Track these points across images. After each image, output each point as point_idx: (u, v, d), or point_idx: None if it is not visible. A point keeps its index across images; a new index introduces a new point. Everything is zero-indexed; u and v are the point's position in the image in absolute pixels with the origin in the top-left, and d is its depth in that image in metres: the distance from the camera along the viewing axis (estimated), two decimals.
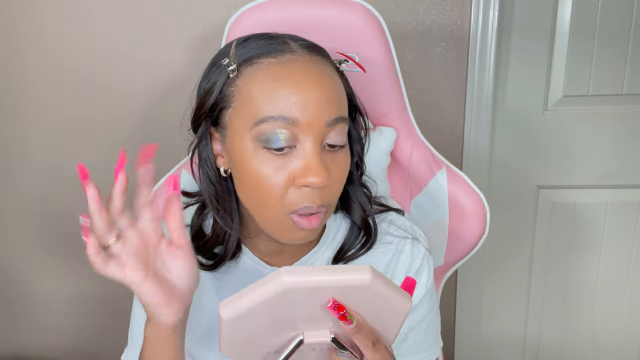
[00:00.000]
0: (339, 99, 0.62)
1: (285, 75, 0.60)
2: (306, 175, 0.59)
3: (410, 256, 0.74)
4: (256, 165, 0.61)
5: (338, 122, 0.61)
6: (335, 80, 0.63)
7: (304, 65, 0.61)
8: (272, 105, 0.59)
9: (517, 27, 1.24)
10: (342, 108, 0.63)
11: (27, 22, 1.20)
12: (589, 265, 1.42)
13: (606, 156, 1.32)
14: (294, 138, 0.60)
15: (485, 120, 1.25)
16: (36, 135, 1.29)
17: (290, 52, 0.62)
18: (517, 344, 1.52)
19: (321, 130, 0.60)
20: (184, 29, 1.19)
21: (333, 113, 0.60)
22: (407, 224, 0.77)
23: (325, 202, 0.63)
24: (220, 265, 0.72)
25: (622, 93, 1.27)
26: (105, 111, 1.26)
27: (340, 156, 0.63)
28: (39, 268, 1.41)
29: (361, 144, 0.73)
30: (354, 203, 0.74)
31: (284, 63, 0.61)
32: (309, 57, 0.62)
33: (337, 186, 0.64)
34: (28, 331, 1.48)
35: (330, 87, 0.61)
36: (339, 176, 0.64)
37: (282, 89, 0.59)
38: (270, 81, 0.60)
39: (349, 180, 0.72)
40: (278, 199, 0.61)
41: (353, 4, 0.81)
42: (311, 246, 0.74)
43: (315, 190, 0.61)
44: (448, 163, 0.92)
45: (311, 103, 0.59)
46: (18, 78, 1.25)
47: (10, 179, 1.33)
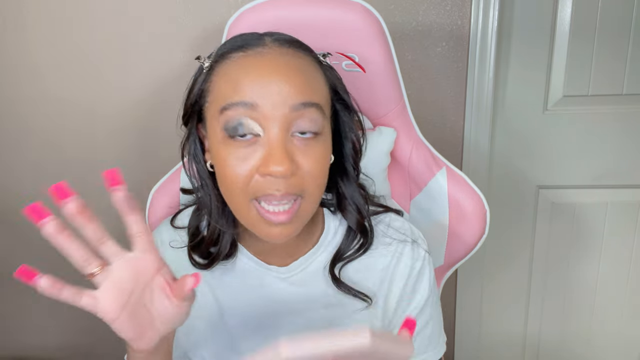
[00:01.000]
0: (309, 85, 0.61)
1: (250, 65, 0.61)
2: (268, 164, 0.58)
3: (411, 258, 0.74)
4: (224, 155, 0.61)
5: (306, 107, 0.60)
6: (307, 69, 0.62)
7: (271, 56, 0.62)
8: (235, 92, 0.60)
9: (517, 27, 1.24)
10: (313, 94, 0.61)
11: (27, 21, 1.20)
12: (589, 265, 1.42)
13: (606, 156, 1.32)
14: (259, 126, 0.59)
15: (485, 120, 1.25)
16: (35, 135, 1.29)
17: (261, 46, 0.63)
18: (517, 344, 1.52)
19: (286, 117, 0.59)
20: (183, 29, 1.19)
21: (299, 98, 0.59)
22: (406, 226, 0.77)
23: (295, 191, 0.61)
24: (214, 264, 0.72)
25: (622, 93, 1.27)
26: (105, 111, 1.26)
27: (314, 145, 0.61)
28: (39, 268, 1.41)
29: (356, 138, 0.71)
30: (350, 205, 0.72)
31: (252, 55, 0.62)
32: (279, 49, 0.63)
33: (310, 176, 0.61)
34: (28, 331, 1.48)
35: (297, 74, 0.60)
36: (311, 166, 0.61)
37: (245, 76, 0.60)
38: (236, 71, 0.61)
39: (345, 179, 0.71)
40: (242, 187, 0.61)
41: (353, 4, 0.81)
42: (309, 246, 0.74)
43: (280, 179, 0.59)
44: (448, 163, 0.92)
45: (274, 88, 0.59)
46: (17, 77, 1.25)
47: (9, 178, 1.33)
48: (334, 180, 0.72)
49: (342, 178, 0.72)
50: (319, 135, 0.62)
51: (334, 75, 0.68)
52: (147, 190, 0.93)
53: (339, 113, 0.69)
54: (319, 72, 0.65)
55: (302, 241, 0.73)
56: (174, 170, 0.93)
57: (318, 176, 0.62)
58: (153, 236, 0.77)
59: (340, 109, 0.69)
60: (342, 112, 0.69)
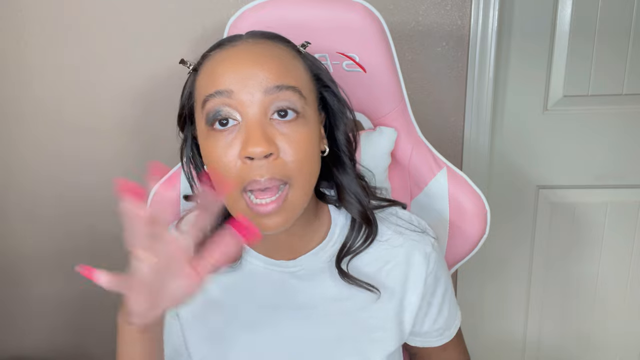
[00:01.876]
0: (284, 69, 0.62)
1: (225, 56, 0.63)
2: (246, 146, 0.59)
3: (424, 261, 0.74)
4: (209, 149, 0.62)
5: (281, 90, 0.60)
6: (282, 56, 0.63)
7: (245, 47, 0.63)
8: (211, 84, 0.62)
9: (517, 27, 1.24)
10: (289, 78, 0.62)
11: (27, 21, 1.20)
12: (589, 265, 1.42)
13: (606, 156, 1.32)
14: (236, 112, 0.60)
15: (485, 120, 1.25)
16: (35, 135, 1.29)
17: (237, 41, 0.65)
18: (517, 344, 1.52)
19: (261, 100, 0.60)
20: (184, 29, 1.19)
21: (272, 81, 0.60)
22: (413, 218, 0.77)
23: (280, 175, 0.60)
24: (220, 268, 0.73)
25: (622, 93, 1.27)
26: (105, 111, 1.26)
27: (294, 127, 0.61)
28: (39, 268, 1.41)
29: (348, 127, 0.70)
30: (349, 196, 0.72)
31: (227, 50, 0.64)
32: (253, 42, 0.64)
33: (293, 159, 0.61)
34: (28, 331, 1.47)
35: (270, 59, 0.62)
36: (294, 148, 0.61)
37: (220, 67, 0.62)
38: (213, 66, 0.63)
39: (340, 170, 0.72)
40: (228, 176, 0.61)
41: (354, 3, 0.80)
42: (317, 241, 0.74)
43: (262, 162, 0.59)
44: (449, 163, 0.92)
45: (246, 74, 0.60)
46: (16, 76, 1.25)
47: (9, 179, 1.33)
48: (331, 172, 0.72)
49: (337, 169, 0.72)
50: (299, 117, 0.62)
51: (316, 65, 0.68)
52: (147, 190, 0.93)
53: (327, 102, 0.69)
54: (297, 60, 0.65)
55: (307, 237, 0.73)
56: (174, 169, 0.92)
57: (302, 161, 0.62)
58: None
59: (328, 98, 0.69)
60: (331, 101, 0.69)
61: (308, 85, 0.65)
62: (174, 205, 0.61)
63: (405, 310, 0.75)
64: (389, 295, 0.74)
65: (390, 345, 0.74)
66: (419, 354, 0.84)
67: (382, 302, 0.73)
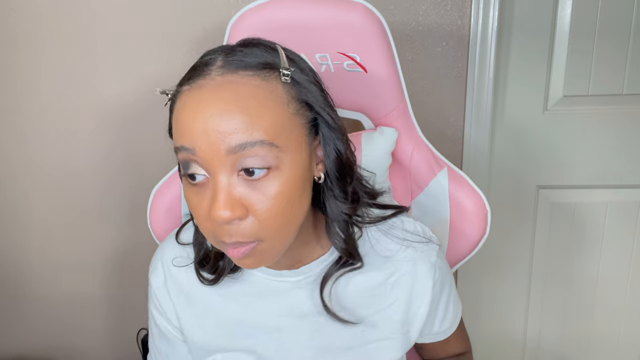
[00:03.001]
0: (253, 120, 0.54)
1: (189, 103, 0.56)
2: (211, 210, 0.55)
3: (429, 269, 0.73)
4: (186, 196, 0.60)
5: (246, 148, 0.54)
6: (254, 99, 0.55)
7: (209, 90, 0.56)
8: (177, 135, 0.57)
9: (517, 27, 1.24)
10: (258, 130, 0.54)
11: (26, 21, 1.20)
12: (589, 265, 1.42)
13: (606, 156, 1.32)
14: (203, 168, 0.56)
15: (485, 120, 1.25)
16: (35, 135, 1.29)
17: (202, 77, 0.57)
18: (517, 344, 1.52)
19: (225, 159, 0.54)
20: (184, 29, 1.19)
21: (236, 138, 0.54)
22: (418, 228, 0.75)
23: (247, 238, 0.57)
24: (221, 279, 0.71)
25: (622, 93, 1.27)
26: (106, 111, 1.26)
27: (266, 183, 0.56)
28: (40, 268, 1.40)
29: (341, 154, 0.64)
30: (333, 228, 0.67)
31: (192, 90, 0.57)
32: (220, 79, 0.56)
33: (265, 218, 0.56)
34: (28, 331, 1.47)
35: (235, 110, 0.54)
36: (266, 207, 0.56)
37: (183, 117, 0.56)
38: (178, 111, 0.58)
39: (329, 200, 0.66)
40: (204, 228, 0.59)
41: (354, 4, 0.80)
42: (321, 252, 0.72)
43: (228, 225, 0.56)
44: (449, 163, 0.92)
45: (208, 129, 0.54)
46: (16, 77, 1.25)
47: (6, 180, 1.33)
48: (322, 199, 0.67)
49: (324, 195, 0.66)
50: (272, 171, 0.56)
51: (306, 89, 0.60)
52: (148, 190, 0.93)
53: (320, 128, 0.63)
54: (274, 96, 0.57)
55: (308, 249, 0.71)
56: (174, 170, 0.92)
57: (275, 216, 0.57)
58: (155, 256, 0.77)
59: (321, 124, 0.62)
60: (323, 127, 0.62)
61: (289, 122, 0.57)
62: None
63: (413, 321, 0.74)
64: (394, 306, 0.73)
65: (395, 354, 0.74)
66: (423, 347, 0.85)
67: (385, 314, 0.73)
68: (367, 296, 0.72)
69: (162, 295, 0.75)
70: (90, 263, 1.39)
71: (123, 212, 1.32)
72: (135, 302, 1.42)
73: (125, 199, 1.31)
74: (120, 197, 1.31)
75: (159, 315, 0.77)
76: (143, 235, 1.23)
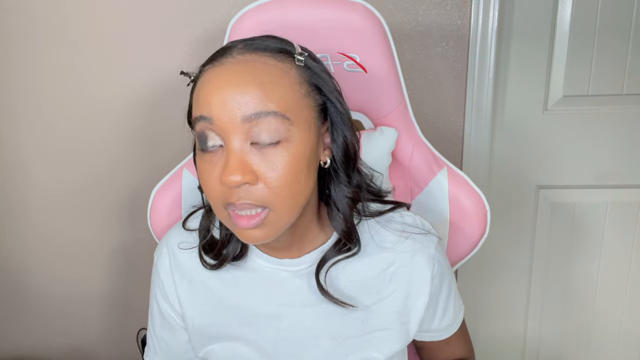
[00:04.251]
0: (266, 93, 0.59)
1: (210, 77, 0.62)
2: (222, 174, 0.60)
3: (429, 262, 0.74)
4: (198, 166, 0.64)
5: (260, 117, 0.59)
6: (268, 75, 0.61)
7: (230, 66, 0.62)
8: (197, 106, 0.62)
9: (517, 27, 1.24)
10: (270, 102, 0.60)
11: (26, 21, 1.20)
12: (589, 265, 1.42)
13: (606, 156, 1.32)
14: (219, 137, 0.61)
15: (485, 120, 1.25)
16: (35, 135, 1.29)
17: (225, 57, 0.63)
18: (517, 344, 1.52)
19: (240, 127, 0.59)
20: (185, 30, 1.19)
21: (251, 108, 0.59)
22: (417, 221, 0.77)
23: (256, 201, 0.61)
24: (224, 264, 0.74)
25: (622, 93, 1.27)
26: (106, 112, 1.26)
27: (277, 152, 0.60)
28: (40, 269, 1.41)
29: (347, 140, 0.68)
30: (336, 211, 0.71)
31: (215, 66, 0.63)
32: (241, 57, 0.62)
33: (274, 185, 0.60)
34: (28, 331, 1.47)
35: (252, 82, 0.60)
36: (275, 175, 0.60)
37: (204, 90, 0.61)
38: (199, 85, 0.63)
39: (333, 184, 0.70)
40: (213, 195, 0.63)
41: (354, 4, 0.81)
42: (323, 240, 0.74)
43: (238, 188, 0.60)
44: (449, 163, 0.92)
45: (226, 99, 0.59)
46: (15, 77, 1.25)
47: (7, 180, 1.33)
48: (326, 184, 0.71)
49: (330, 180, 0.71)
50: (282, 142, 0.60)
51: (316, 74, 0.66)
52: (148, 190, 0.93)
53: (329, 113, 0.68)
54: (288, 76, 0.62)
55: (309, 236, 0.73)
56: (175, 169, 0.93)
57: (283, 186, 0.61)
58: (161, 241, 0.79)
59: (329, 109, 0.67)
60: (332, 112, 0.67)
61: (297, 103, 0.62)
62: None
63: (411, 313, 0.75)
64: (392, 297, 0.74)
65: (395, 345, 0.75)
66: (424, 347, 0.85)
67: (383, 304, 0.74)
68: (367, 285, 0.73)
69: (167, 279, 0.77)
70: (90, 263, 1.39)
71: (123, 213, 1.32)
72: (135, 302, 1.42)
73: (125, 199, 1.31)
74: (120, 197, 1.31)
75: (163, 300, 0.78)
76: (143, 235, 1.23)
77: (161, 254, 0.78)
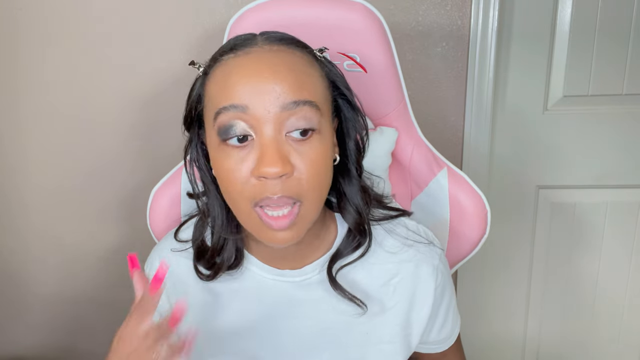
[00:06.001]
0: (301, 82, 0.59)
1: (239, 65, 0.59)
2: (260, 166, 0.57)
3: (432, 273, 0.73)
4: (220, 160, 0.60)
5: (298, 106, 0.58)
6: (299, 65, 0.60)
7: (260, 54, 0.60)
8: (224, 96, 0.59)
9: (517, 27, 1.24)
10: (306, 92, 0.59)
11: (27, 21, 1.20)
12: (589, 265, 1.42)
13: (606, 156, 1.32)
14: (251, 128, 0.58)
15: (485, 120, 1.25)
16: (35, 136, 1.29)
17: (250, 46, 0.61)
18: (517, 344, 1.52)
19: (277, 117, 0.57)
20: (184, 30, 1.19)
21: (290, 96, 0.57)
22: (420, 229, 0.76)
23: (292, 194, 0.59)
24: (219, 275, 0.71)
25: (622, 93, 1.27)
26: (106, 112, 1.26)
27: (310, 144, 0.59)
28: (40, 269, 1.41)
29: (359, 137, 0.69)
30: (349, 205, 0.70)
31: (240, 56, 0.60)
32: (269, 47, 0.61)
33: (307, 177, 0.59)
34: (28, 331, 1.47)
35: (288, 71, 0.58)
36: (308, 166, 0.59)
37: (234, 78, 0.58)
38: (224, 74, 0.60)
39: (346, 179, 0.70)
40: (240, 191, 0.60)
41: (354, 4, 0.80)
42: (324, 251, 0.73)
43: (276, 180, 0.57)
44: (449, 163, 0.92)
45: (262, 88, 0.57)
46: (16, 77, 1.25)
47: (8, 179, 1.33)
48: (336, 179, 0.70)
49: (343, 177, 0.70)
50: (315, 134, 0.59)
51: (333, 71, 0.66)
52: (147, 190, 0.93)
53: (341, 110, 0.67)
54: (314, 68, 0.62)
55: (314, 245, 0.71)
56: (174, 170, 0.92)
57: (316, 177, 0.60)
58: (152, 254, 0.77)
59: (342, 106, 0.67)
60: (345, 108, 0.67)
61: (324, 95, 0.62)
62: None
63: (413, 324, 0.74)
64: (396, 309, 0.72)
65: (397, 358, 0.73)
66: (419, 358, 0.84)
67: (387, 316, 0.72)
68: (371, 296, 0.72)
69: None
70: (90, 263, 1.39)
71: (123, 213, 1.32)
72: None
73: (125, 199, 1.31)
74: (120, 197, 1.31)
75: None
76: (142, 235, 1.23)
77: (152, 266, 0.76)
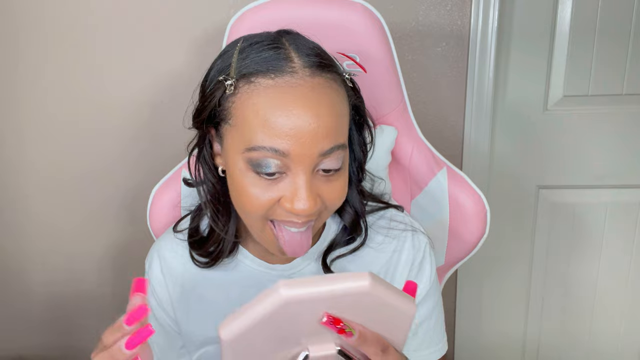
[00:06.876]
0: (338, 126, 0.60)
1: (281, 103, 0.57)
2: (293, 203, 0.59)
3: (413, 249, 0.74)
4: (245, 184, 0.61)
5: (333, 151, 0.59)
6: (337, 103, 0.60)
7: (302, 92, 0.58)
8: (265, 135, 0.57)
9: (517, 27, 1.24)
10: (340, 135, 0.61)
11: (27, 21, 1.20)
12: (589, 265, 1.42)
13: (606, 156, 1.32)
14: (285, 166, 0.59)
15: (485, 120, 1.25)
16: (35, 136, 1.29)
17: (290, 74, 0.59)
18: (517, 344, 1.52)
19: (313, 160, 0.59)
20: (184, 30, 1.19)
21: (328, 143, 0.58)
22: (406, 219, 0.77)
23: (313, 218, 0.63)
24: (218, 263, 0.73)
25: (622, 93, 1.27)
26: (106, 112, 1.26)
27: (336, 180, 0.62)
28: (40, 269, 1.41)
29: (363, 150, 0.72)
30: (348, 206, 0.73)
31: (281, 88, 0.58)
32: (310, 81, 0.59)
33: (331, 206, 0.64)
34: (28, 331, 1.47)
35: (328, 115, 0.58)
36: (333, 199, 0.63)
37: (276, 118, 0.57)
38: (265, 108, 0.57)
39: (349, 186, 0.71)
40: (261, 214, 0.62)
41: (354, 4, 0.81)
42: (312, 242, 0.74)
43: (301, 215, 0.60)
44: (449, 163, 0.92)
45: (305, 135, 0.57)
46: (16, 78, 1.25)
47: (8, 181, 1.33)
48: None
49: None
50: (340, 170, 0.62)
51: (357, 95, 0.67)
52: (148, 190, 0.93)
53: (352, 128, 0.69)
54: (345, 101, 0.63)
55: None
56: (175, 169, 0.92)
57: (338, 203, 0.64)
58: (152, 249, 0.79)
59: (354, 125, 0.69)
60: (356, 127, 0.70)
61: (348, 123, 0.64)
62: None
63: None
64: None
65: None
66: None
67: None
68: None
69: (160, 285, 0.77)
70: (90, 263, 1.39)
71: (123, 213, 1.32)
72: None
73: (126, 199, 1.31)
74: (120, 197, 1.31)
75: (157, 306, 0.78)
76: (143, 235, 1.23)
77: (152, 260, 0.78)
